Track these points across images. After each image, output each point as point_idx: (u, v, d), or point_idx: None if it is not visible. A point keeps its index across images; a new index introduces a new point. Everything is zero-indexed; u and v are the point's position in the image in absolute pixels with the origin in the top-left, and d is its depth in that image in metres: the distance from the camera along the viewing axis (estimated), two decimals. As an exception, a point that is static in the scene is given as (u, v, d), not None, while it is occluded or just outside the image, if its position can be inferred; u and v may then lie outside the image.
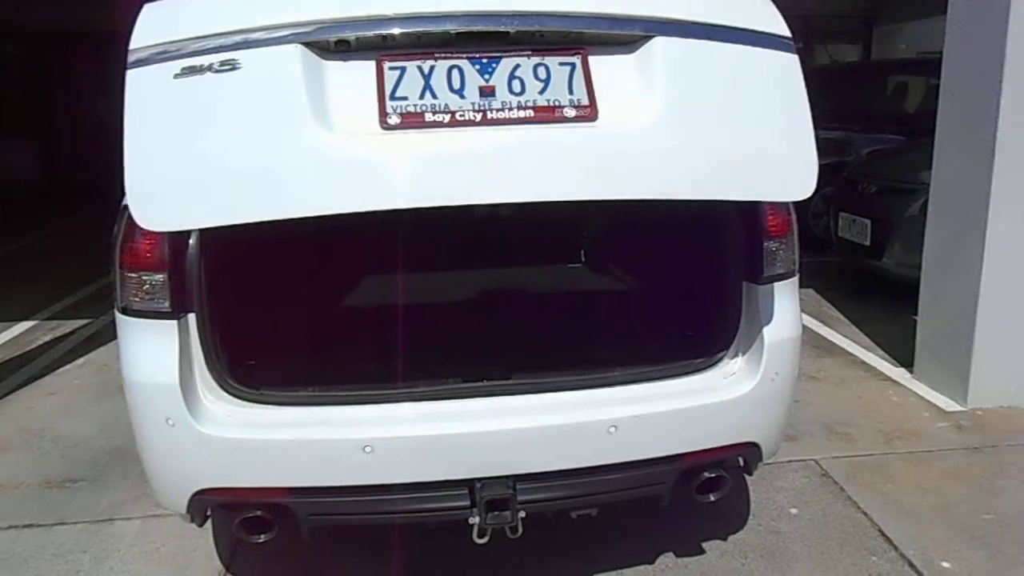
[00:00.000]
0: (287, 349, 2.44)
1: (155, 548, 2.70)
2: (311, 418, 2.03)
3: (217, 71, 1.72)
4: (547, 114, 1.80)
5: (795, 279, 2.29)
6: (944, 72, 3.83)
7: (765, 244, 2.18)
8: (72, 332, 5.12)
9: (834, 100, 7.86)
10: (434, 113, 1.77)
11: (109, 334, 4.82)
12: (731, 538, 2.72)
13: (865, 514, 2.87)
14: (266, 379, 2.13)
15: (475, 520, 2.02)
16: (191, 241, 2.02)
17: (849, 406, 3.83)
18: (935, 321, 3.98)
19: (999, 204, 3.54)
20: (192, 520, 2.12)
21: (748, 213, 2.22)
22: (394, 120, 1.77)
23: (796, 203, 2.32)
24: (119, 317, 2.05)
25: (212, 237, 2.03)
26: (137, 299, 1.99)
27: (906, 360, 4.23)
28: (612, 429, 2.04)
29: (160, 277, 1.96)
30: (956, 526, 2.79)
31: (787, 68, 1.95)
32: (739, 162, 1.91)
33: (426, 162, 1.77)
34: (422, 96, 1.79)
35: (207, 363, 2.02)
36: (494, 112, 1.78)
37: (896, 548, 2.67)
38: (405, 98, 1.79)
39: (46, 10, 11.10)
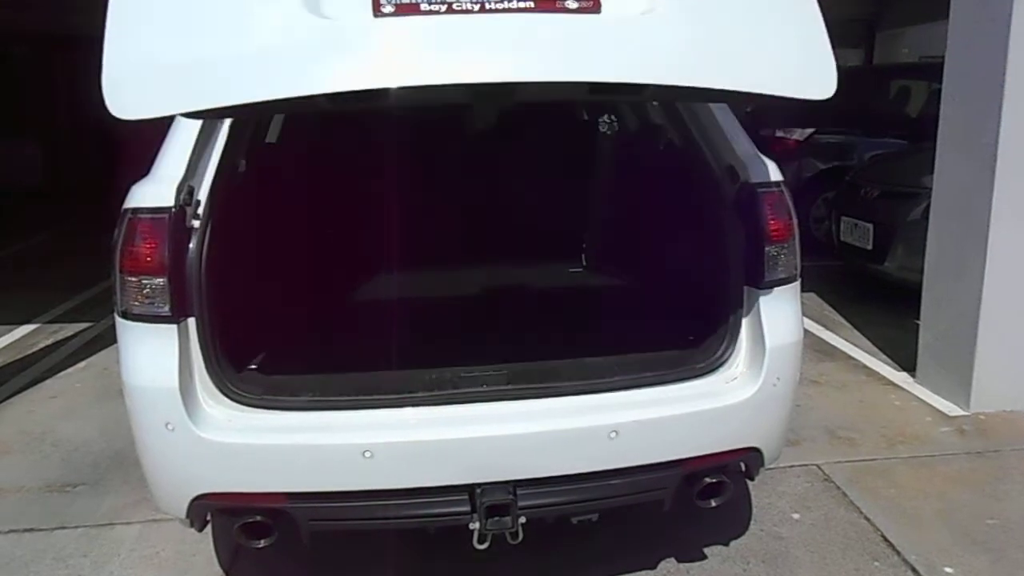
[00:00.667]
0: (287, 354, 2.44)
1: (155, 553, 2.70)
2: (311, 423, 2.03)
3: None
4: (548, 4, 1.72)
5: (797, 284, 2.29)
6: (946, 77, 3.83)
7: (766, 249, 2.17)
8: (73, 336, 5.12)
9: (836, 104, 7.85)
10: (430, 3, 1.69)
11: (110, 338, 4.81)
12: (733, 543, 2.71)
13: (867, 519, 2.86)
14: (266, 384, 2.13)
15: (475, 526, 2.01)
16: (191, 245, 2.02)
17: (851, 410, 3.82)
18: (937, 325, 3.97)
19: (1001, 208, 3.54)
20: (192, 525, 2.12)
21: (750, 217, 2.21)
22: (388, 8, 1.69)
23: (797, 208, 2.32)
24: (119, 321, 2.05)
25: (213, 239, 2.03)
26: (137, 303, 1.99)
27: (908, 364, 4.22)
28: (613, 434, 2.03)
29: (160, 281, 1.96)
30: (959, 531, 2.78)
31: None
32: (753, 55, 1.82)
33: (420, 45, 1.70)
34: None
35: (207, 367, 2.02)
36: (492, 3, 1.70)
37: (899, 553, 2.65)
38: None
39: (49, 12, 11.15)
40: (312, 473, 1.99)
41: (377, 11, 1.69)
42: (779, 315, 2.20)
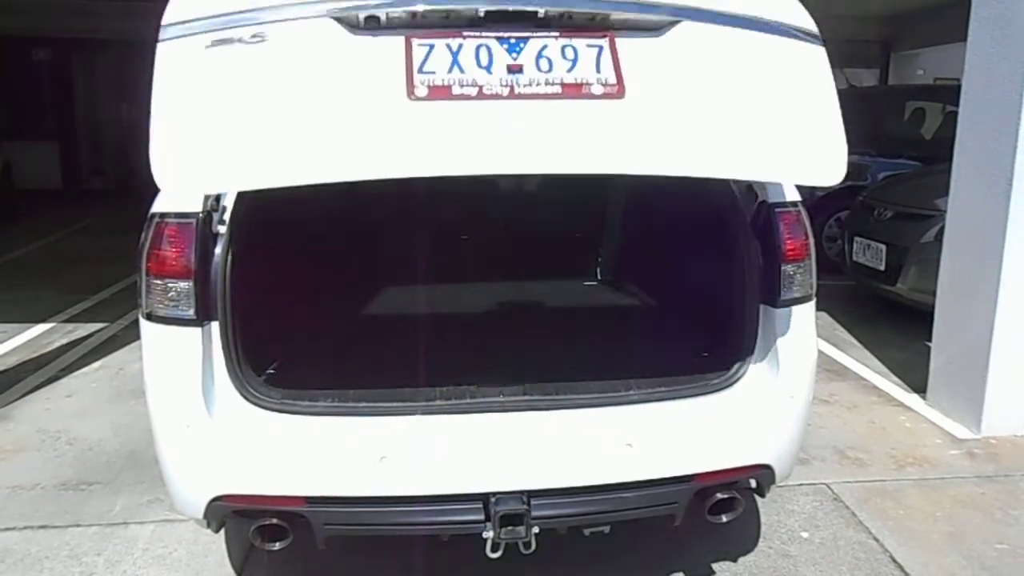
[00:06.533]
0: (308, 359, 2.47)
1: (168, 552, 2.72)
2: (329, 428, 2.06)
3: (247, 43, 1.73)
4: (575, 90, 1.79)
5: (812, 303, 2.30)
6: (963, 99, 3.84)
7: (783, 267, 2.19)
8: (89, 335, 5.17)
9: (851, 124, 7.87)
10: (462, 86, 1.76)
11: (126, 338, 4.92)
12: (741, 560, 2.72)
13: (876, 540, 2.86)
14: (286, 388, 2.15)
15: (489, 534, 2.02)
16: (217, 250, 2.05)
17: (861, 431, 3.82)
18: (949, 348, 3.96)
19: (1016, 231, 3.54)
20: (208, 526, 2.14)
21: (767, 236, 2.23)
22: (421, 92, 1.76)
23: (811, 227, 2.34)
24: (143, 322, 2.08)
25: (238, 245, 2.06)
26: (162, 305, 2.02)
27: (919, 386, 4.22)
28: (627, 447, 2.05)
29: (185, 285, 1.99)
30: (968, 555, 2.77)
31: (813, 58, 1.96)
32: (768, 145, 1.90)
33: (452, 131, 1.76)
34: (450, 71, 1.78)
35: (228, 370, 2.04)
36: (521, 87, 1.77)
37: (908, 575, 2.65)
38: (433, 72, 1.78)
39: (70, 18, 11.29)
40: (328, 477, 2.02)
41: (411, 94, 1.76)
42: (794, 333, 2.22)
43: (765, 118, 1.91)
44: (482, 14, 1.80)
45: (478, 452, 2.04)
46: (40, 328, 5.32)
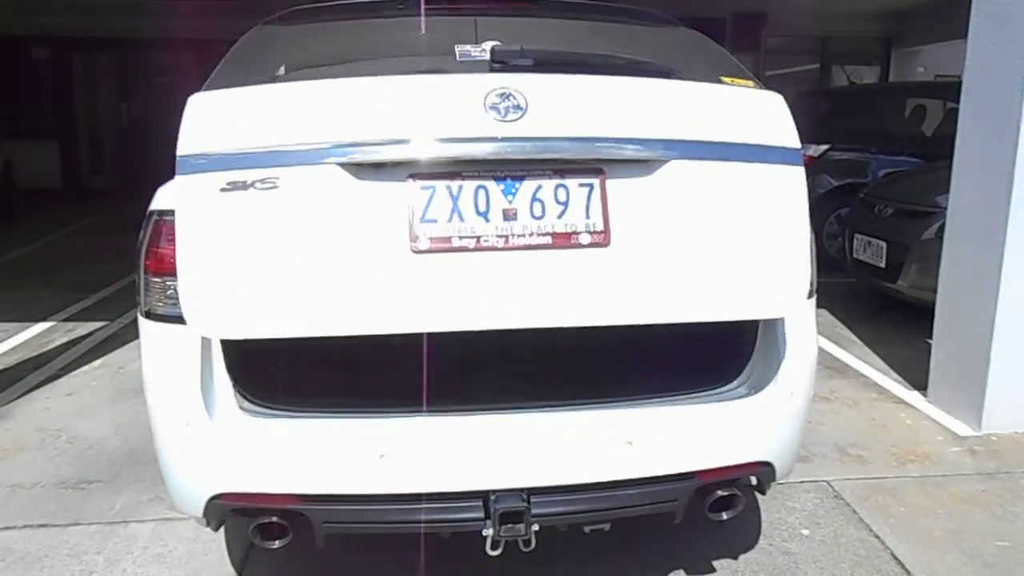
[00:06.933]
0: (307, 357, 2.46)
1: (168, 551, 2.72)
2: (328, 426, 2.05)
3: (259, 188, 1.81)
4: (563, 240, 1.88)
5: (812, 300, 2.30)
6: (963, 96, 3.83)
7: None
8: (89, 334, 5.18)
9: (852, 121, 7.89)
10: (461, 238, 1.85)
11: (126, 337, 4.93)
12: (742, 557, 2.72)
13: (877, 537, 2.85)
14: (286, 386, 2.15)
15: (489, 532, 2.02)
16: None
17: (862, 428, 3.82)
18: (950, 345, 3.96)
19: (1017, 228, 3.54)
20: (208, 524, 2.13)
21: None
22: (423, 244, 1.84)
23: (812, 224, 2.33)
24: (142, 321, 2.08)
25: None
26: (160, 304, 2.02)
27: (920, 383, 4.22)
28: (628, 444, 2.05)
29: None
30: (969, 552, 2.77)
31: (793, 182, 2.01)
32: (741, 282, 2.00)
33: (451, 288, 1.86)
34: (450, 219, 1.85)
35: (228, 369, 2.04)
36: (515, 238, 1.86)
37: (909, 572, 2.65)
38: (434, 220, 1.85)
39: (71, 16, 11.29)
40: (328, 475, 2.01)
41: (414, 247, 1.84)
42: (794, 330, 2.21)
43: (743, 256, 1.99)
44: (483, 157, 1.85)
45: (478, 449, 2.03)
46: (40, 327, 5.32)
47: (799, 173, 2.02)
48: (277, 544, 2.10)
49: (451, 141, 1.84)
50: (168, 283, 2.00)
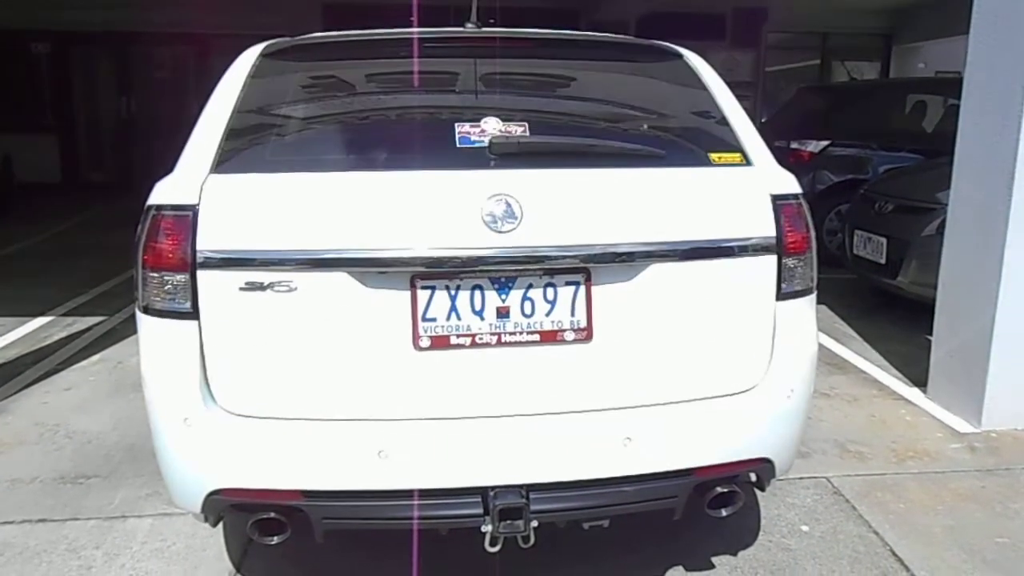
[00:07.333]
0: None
1: (167, 546, 2.72)
2: (327, 422, 2.04)
3: (276, 291, 1.94)
4: (550, 337, 2.03)
5: (813, 296, 2.29)
6: (965, 92, 3.82)
7: (784, 260, 2.18)
8: (88, 329, 5.17)
9: (852, 117, 7.88)
10: (458, 336, 2.00)
11: (124, 332, 4.92)
12: (741, 553, 2.71)
13: (877, 533, 2.85)
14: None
15: (487, 528, 2.02)
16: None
17: (861, 424, 3.81)
18: (950, 341, 3.96)
19: (1018, 225, 3.53)
20: (206, 520, 2.13)
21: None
22: (425, 343, 1.99)
23: (812, 220, 2.32)
24: (140, 316, 2.07)
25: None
26: (158, 298, 2.01)
27: (920, 380, 4.22)
28: (627, 440, 2.04)
29: (182, 277, 1.98)
30: (969, 549, 2.77)
31: (763, 271, 2.15)
32: (711, 366, 2.15)
33: (449, 382, 2.02)
34: (448, 318, 1.99)
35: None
36: (507, 335, 2.01)
37: (908, 569, 2.65)
38: (434, 319, 1.99)
39: (70, 10, 11.26)
40: (326, 471, 2.01)
41: (416, 345, 1.99)
42: (794, 327, 2.21)
43: (714, 343, 2.14)
44: (481, 266, 1.98)
45: (476, 446, 2.03)
46: (39, 321, 5.32)
47: (771, 262, 2.14)
48: (276, 540, 2.10)
49: (451, 249, 1.96)
50: (166, 278, 1.99)
